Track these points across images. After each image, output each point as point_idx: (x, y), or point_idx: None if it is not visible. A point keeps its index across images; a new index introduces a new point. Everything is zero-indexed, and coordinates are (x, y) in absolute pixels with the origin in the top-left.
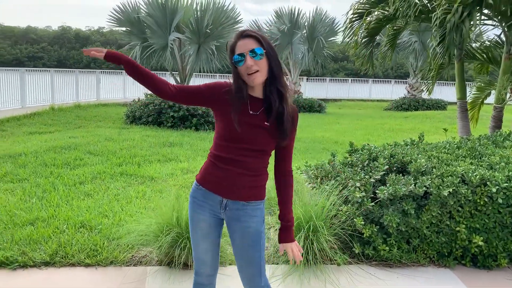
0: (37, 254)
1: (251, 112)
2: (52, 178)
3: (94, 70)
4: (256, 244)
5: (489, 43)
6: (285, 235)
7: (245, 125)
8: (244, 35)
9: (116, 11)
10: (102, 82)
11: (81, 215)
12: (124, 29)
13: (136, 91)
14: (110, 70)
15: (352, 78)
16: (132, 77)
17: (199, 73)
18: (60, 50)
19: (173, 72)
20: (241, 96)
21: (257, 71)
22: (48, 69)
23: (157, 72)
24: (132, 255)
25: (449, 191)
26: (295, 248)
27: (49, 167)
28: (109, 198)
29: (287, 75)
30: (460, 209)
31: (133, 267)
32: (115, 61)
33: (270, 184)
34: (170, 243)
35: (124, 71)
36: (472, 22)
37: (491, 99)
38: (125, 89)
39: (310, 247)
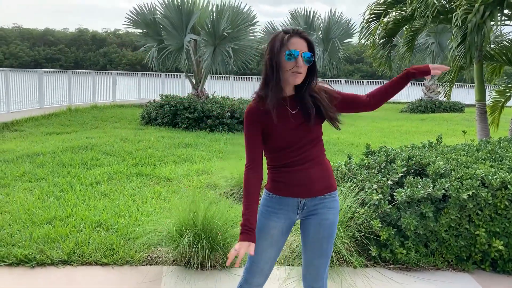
0: (55, 252)
1: (293, 112)
2: (69, 178)
3: (110, 71)
4: (331, 236)
5: (508, 44)
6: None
7: (294, 126)
8: (301, 35)
9: (133, 13)
10: (118, 83)
11: (97, 214)
12: (140, 31)
13: (152, 93)
14: (126, 72)
15: (368, 80)
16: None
17: (215, 75)
18: (77, 52)
19: (188, 74)
20: (277, 97)
21: (301, 73)
22: (65, 70)
23: (172, 73)
24: (148, 255)
25: (468, 194)
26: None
27: (66, 167)
28: (125, 198)
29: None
30: (479, 212)
31: (149, 267)
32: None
33: None
34: (187, 243)
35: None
36: (493, 22)
37: (511, 102)
38: (141, 90)
39: None
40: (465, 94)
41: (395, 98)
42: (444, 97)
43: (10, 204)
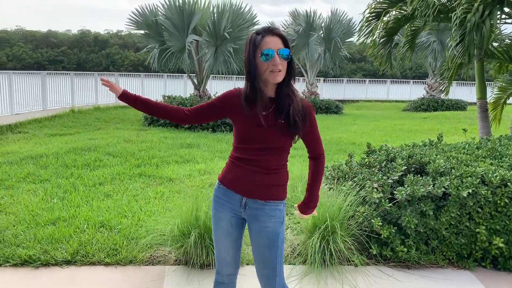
0: (59, 253)
1: (263, 112)
2: (73, 179)
3: (113, 72)
4: (273, 245)
5: (509, 42)
6: (304, 209)
7: (258, 126)
8: (274, 32)
9: (135, 14)
10: (121, 85)
11: (101, 215)
12: (142, 32)
13: (154, 93)
14: (129, 73)
15: (370, 79)
16: (146, 112)
17: (217, 75)
18: (80, 54)
19: (190, 74)
20: (259, 96)
21: (280, 70)
22: (68, 72)
23: (174, 74)
24: (151, 255)
25: (468, 192)
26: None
27: (70, 168)
28: (128, 198)
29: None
30: (480, 210)
31: (152, 266)
32: (127, 101)
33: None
34: (189, 242)
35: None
36: (492, 22)
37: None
38: (144, 91)
39: (326, 248)
40: (467, 92)
41: (397, 97)
42: (443, 92)
43: (15, 206)
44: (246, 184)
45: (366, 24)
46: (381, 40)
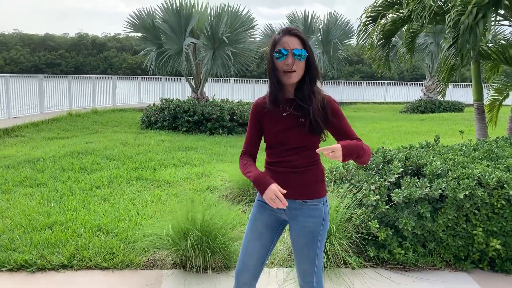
0: (55, 257)
1: (284, 114)
2: (70, 182)
3: (111, 76)
4: (312, 244)
5: (505, 43)
6: (348, 143)
7: (281, 127)
8: (291, 32)
9: (132, 17)
10: (118, 88)
11: (98, 219)
12: (139, 35)
13: (152, 96)
14: (126, 76)
15: (367, 81)
16: None
17: (214, 78)
18: (77, 57)
19: (188, 77)
20: (274, 97)
21: (294, 71)
22: (65, 75)
23: (172, 77)
24: (148, 258)
25: (465, 194)
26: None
27: (67, 172)
28: (125, 202)
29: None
30: (476, 212)
31: (149, 270)
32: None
33: None
34: (186, 246)
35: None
36: (487, 24)
37: (509, 101)
38: (141, 95)
39: (323, 251)
40: (465, 94)
41: (394, 99)
42: (440, 94)
43: (11, 210)
44: (282, 187)
45: (364, 28)
46: (379, 42)
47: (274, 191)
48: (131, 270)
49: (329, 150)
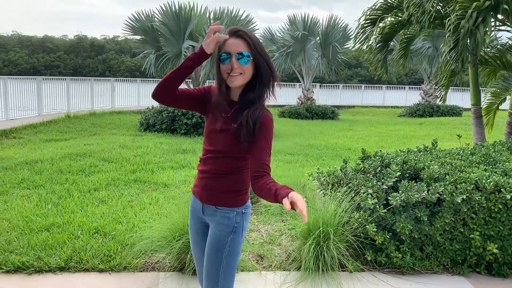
0: (52, 259)
1: (223, 115)
2: (68, 184)
3: (109, 78)
4: (216, 255)
5: (502, 48)
6: (283, 189)
7: (215, 128)
8: (236, 34)
9: (131, 20)
10: (117, 90)
11: (95, 221)
12: (138, 37)
13: (150, 99)
14: (125, 78)
15: (366, 85)
16: (174, 75)
17: (213, 80)
18: (76, 59)
19: (187, 80)
20: (221, 97)
21: (240, 73)
22: (64, 77)
23: None
24: (145, 261)
25: (462, 198)
26: (301, 199)
27: (65, 174)
28: (123, 204)
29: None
30: (474, 216)
31: (146, 273)
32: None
33: None
34: (182, 248)
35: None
36: (487, 28)
37: (506, 105)
38: (139, 97)
39: (321, 254)
40: (463, 98)
41: (393, 103)
42: (440, 101)
43: (8, 211)
44: (202, 189)
45: (362, 31)
46: (378, 45)
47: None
48: (128, 273)
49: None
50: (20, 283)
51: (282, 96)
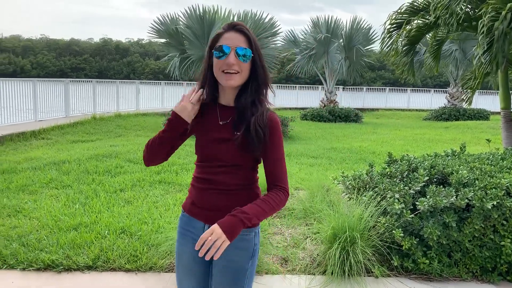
0: (81, 258)
1: (220, 122)
2: (94, 185)
3: (134, 80)
4: (236, 285)
5: None
6: (229, 220)
7: (213, 139)
8: (236, 28)
9: (156, 23)
10: (142, 92)
11: (121, 221)
12: (163, 40)
13: (174, 101)
14: (149, 81)
15: (390, 87)
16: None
17: None
18: (101, 61)
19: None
20: (212, 103)
21: (238, 72)
22: (90, 80)
23: (194, 82)
24: (171, 262)
25: (493, 204)
26: (215, 236)
27: (91, 175)
28: (148, 205)
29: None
30: (505, 222)
31: (172, 273)
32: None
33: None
34: None
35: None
36: None
37: None
38: (163, 99)
39: (346, 258)
40: (490, 102)
41: (418, 106)
42: (466, 103)
43: (38, 211)
44: (207, 209)
45: (388, 35)
46: (404, 48)
47: (183, 97)
48: (154, 273)
49: (207, 236)
50: (49, 281)
51: (305, 98)
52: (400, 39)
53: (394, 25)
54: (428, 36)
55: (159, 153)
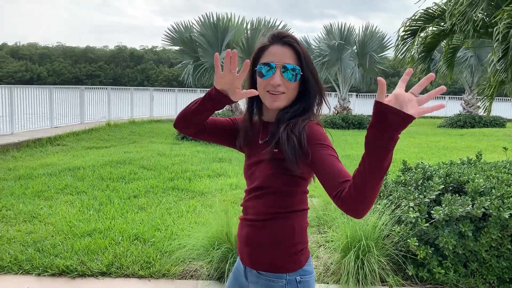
0: (95, 264)
1: (260, 142)
2: (108, 191)
3: (148, 87)
4: None
5: None
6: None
7: (253, 161)
8: (284, 40)
9: (171, 31)
10: (155, 99)
11: (135, 227)
12: (177, 48)
13: None
14: (163, 88)
15: None
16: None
17: None
18: (116, 68)
19: None
20: (250, 121)
21: (282, 93)
22: (105, 87)
23: (207, 89)
24: (184, 269)
25: (510, 213)
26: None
27: (105, 181)
28: (161, 211)
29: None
30: None
31: (185, 280)
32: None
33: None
34: (220, 258)
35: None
36: None
37: None
38: (177, 106)
39: (361, 267)
40: (507, 108)
41: (433, 113)
42: (484, 112)
43: (53, 216)
44: (243, 243)
45: (402, 42)
46: (420, 55)
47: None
48: (167, 280)
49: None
50: (64, 286)
51: None
52: (416, 47)
53: (409, 32)
54: (443, 43)
55: (194, 120)
